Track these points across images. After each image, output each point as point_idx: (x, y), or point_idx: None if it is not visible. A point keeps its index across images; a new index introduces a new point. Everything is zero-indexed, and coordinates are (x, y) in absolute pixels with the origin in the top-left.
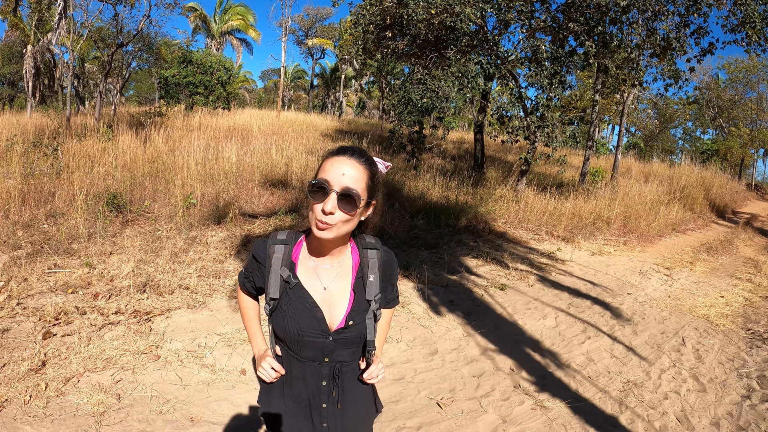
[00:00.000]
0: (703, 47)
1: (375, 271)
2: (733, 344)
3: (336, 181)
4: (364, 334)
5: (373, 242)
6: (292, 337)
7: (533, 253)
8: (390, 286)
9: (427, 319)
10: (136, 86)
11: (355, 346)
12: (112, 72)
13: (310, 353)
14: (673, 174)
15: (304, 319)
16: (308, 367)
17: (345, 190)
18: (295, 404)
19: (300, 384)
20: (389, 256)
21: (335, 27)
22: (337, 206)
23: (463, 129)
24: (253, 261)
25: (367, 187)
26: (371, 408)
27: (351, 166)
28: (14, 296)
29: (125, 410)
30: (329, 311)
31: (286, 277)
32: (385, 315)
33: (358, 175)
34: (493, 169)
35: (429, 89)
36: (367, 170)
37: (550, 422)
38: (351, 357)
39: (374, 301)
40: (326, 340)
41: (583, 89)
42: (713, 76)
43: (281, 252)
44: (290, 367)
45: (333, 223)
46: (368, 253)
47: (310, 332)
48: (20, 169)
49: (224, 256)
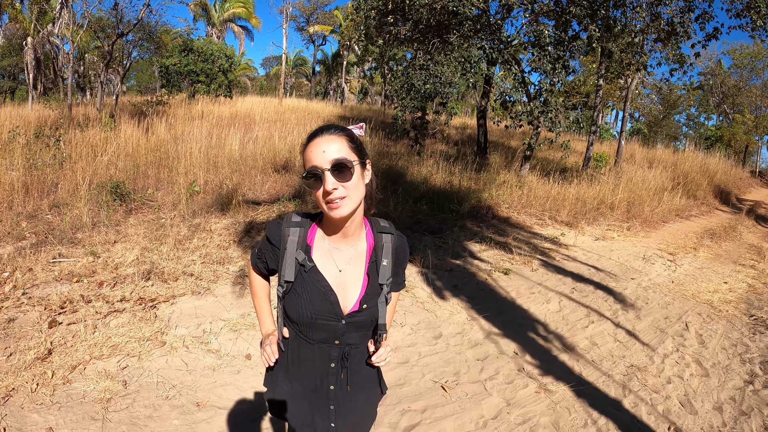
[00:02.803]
0: (707, 32)
1: (389, 255)
2: (736, 330)
3: (321, 160)
4: (376, 318)
5: (388, 227)
6: (305, 320)
7: (537, 238)
8: (401, 270)
9: (432, 303)
10: (137, 76)
11: (366, 329)
12: (113, 62)
13: (322, 335)
14: (676, 160)
15: (318, 302)
16: (317, 349)
17: (334, 162)
18: (301, 387)
19: (308, 366)
20: (402, 240)
21: (337, 13)
22: (335, 181)
23: (466, 114)
24: (267, 243)
25: (351, 149)
26: (377, 390)
27: (326, 140)
28: (19, 286)
29: (132, 396)
30: (343, 294)
31: (302, 260)
32: (392, 298)
33: (337, 144)
34: (496, 154)
35: (432, 75)
36: (342, 136)
37: (554, 405)
38: (361, 340)
39: (386, 285)
40: (339, 324)
41: (586, 74)
42: (718, 62)
43: (296, 235)
44: (299, 349)
45: (342, 196)
46: (383, 237)
47: (324, 315)
48: (23, 161)
49: (228, 243)
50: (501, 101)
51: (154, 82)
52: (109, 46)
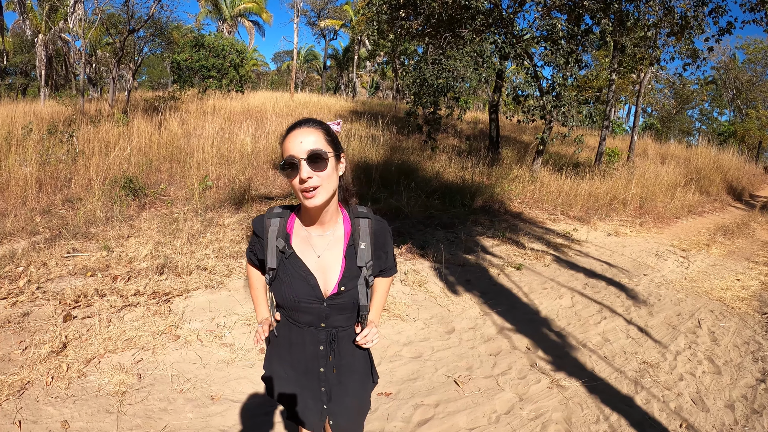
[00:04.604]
0: (721, 26)
1: (366, 239)
2: (748, 327)
3: (298, 150)
4: (356, 300)
5: (365, 211)
6: (290, 304)
7: (549, 234)
8: (384, 254)
9: (444, 297)
10: (149, 71)
11: (349, 311)
12: (125, 58)
13: (307, 318)
14: (689, 155)
15: (299, 286)
16: (306, 332)
17: (310, 153)
18: (293, 370)
19: (299, 349)
20: (381, 224)
21: (347, 8)
22: (310, 170)
23: (478, 109)
24: (254, 235)
25: (327, 142)
26: (367, 377)
27: (304, 132)
28: (34, 281)
29: (146, 389)
30: (323, 278)
31: (282, 247)
32: (382, 283)
33: (314, 137)
34: (508, 149)
35: (445, 69)
36: (319, 129)
37: (566, 401)
38: (346, 322)
39: (365, 267)
40: (321, 306)
41: (599, 68)
42: (731, 56)
43: (276, 225)
44: (289, 334)
45: (316, 185)
46: (359, 222)
47: (306, 299)
48: (36, 157)
49: (241, 237)
50: (513, 96)
51: (166, 77)
52: (121, 43)
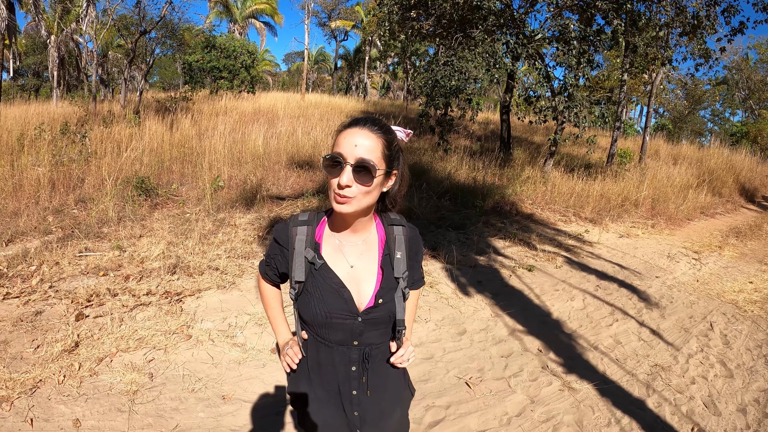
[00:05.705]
0: (733, 26)
1: (402, 247)
2: (761, 331)
3: (349, 153)
4: (393, 313)
5: (398, 219)
6: (320, 320)
7: (561, 235)
8: (416, 264)
9: (456, 299)
10: (160, 72)
11: (384, 326)
12: (137, 59)
13: (339, 336)
14: (702, 156)
15: (331, 300)
16: (336, 352)
17: (359, 162)
18: (324, 392)
19: (329, 371)
20: (415, 232)
21: (358, 9)
22: (353, 179)
23: (489, 109)
24: (276, 245)
25: (383, 156)
26: (405, 392)
27: (364, 136)
28: (46, 280)
29: (158, 389)
30: (357, 290)
31: (311, 258)
32: (412, 296)
33: (372, 144)
34: (520, 149)
35: (456, 70)
36: (382, 139)
37: (577, 403)
38: (380, 339)
39: (402, 278)
40: (355, 321)
41: (610, 69)
42: (744, 56)
43: (304, 233)
44: (317, 354)
45: (351, 195)
46: (394, 229)
47: (338, 314)
48: (49, 157)
49: (253, 237)
50: (525, 96)
51: (177, 78)
52: (133, 44)
